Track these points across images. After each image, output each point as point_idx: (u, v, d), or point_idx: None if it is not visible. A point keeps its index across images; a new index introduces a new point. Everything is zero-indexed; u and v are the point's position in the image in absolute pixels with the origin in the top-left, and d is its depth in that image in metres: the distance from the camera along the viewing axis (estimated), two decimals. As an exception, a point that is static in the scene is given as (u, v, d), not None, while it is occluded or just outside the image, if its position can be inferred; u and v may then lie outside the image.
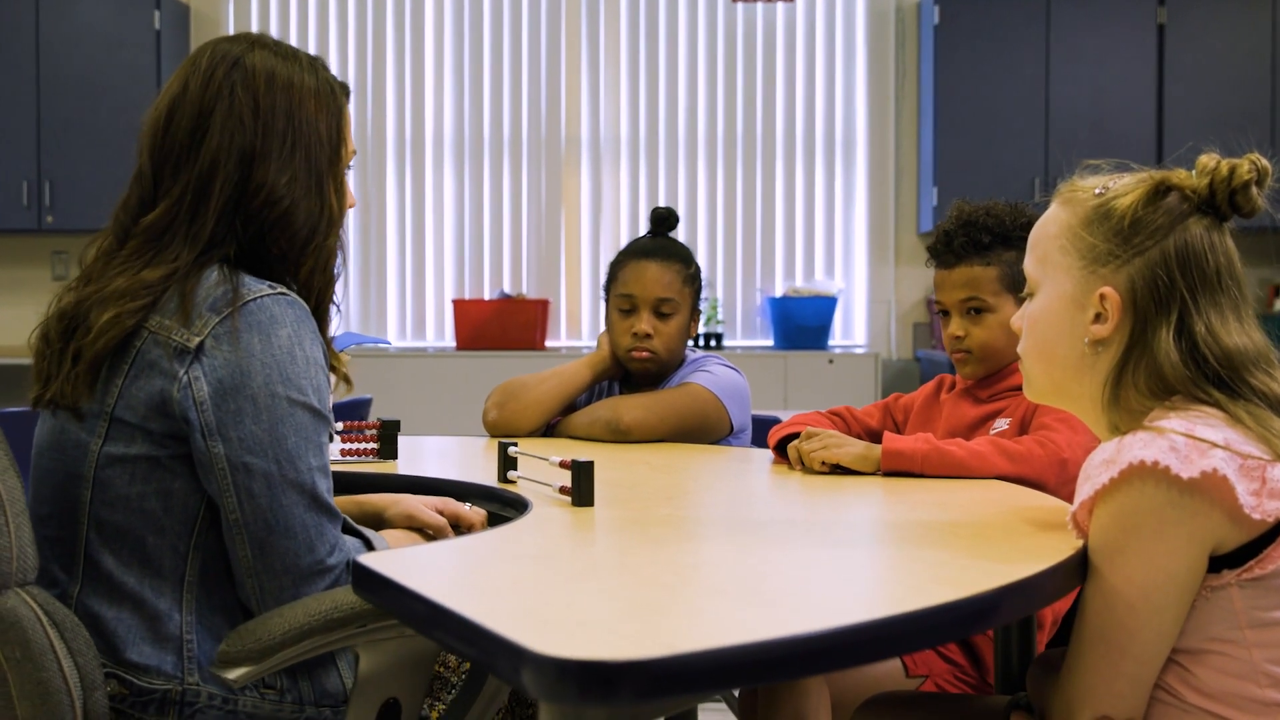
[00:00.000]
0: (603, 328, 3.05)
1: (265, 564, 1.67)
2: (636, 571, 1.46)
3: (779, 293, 6.70)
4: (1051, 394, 1.75)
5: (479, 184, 6.81)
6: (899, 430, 2.59)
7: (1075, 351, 1.67)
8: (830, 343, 6.57)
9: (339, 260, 1.89)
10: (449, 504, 2.04)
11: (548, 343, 6.62)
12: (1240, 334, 1.61)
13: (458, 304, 6.53)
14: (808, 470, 2.31)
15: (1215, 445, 1.48)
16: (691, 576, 1.46)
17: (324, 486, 1.71)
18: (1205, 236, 1.63)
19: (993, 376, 2.48)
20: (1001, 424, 2.40)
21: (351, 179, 1.94)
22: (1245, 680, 1.52)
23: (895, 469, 2.23)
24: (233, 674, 1.53)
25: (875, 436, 2.51)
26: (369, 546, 1.78)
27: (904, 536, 1.71)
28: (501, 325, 6.46)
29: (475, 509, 2.05)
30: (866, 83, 6.80)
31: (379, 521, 2.04)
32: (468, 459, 2.64)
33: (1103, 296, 1.63)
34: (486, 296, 6.77)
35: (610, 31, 6.81)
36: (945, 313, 2.52)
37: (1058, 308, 1.69)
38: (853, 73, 6.82)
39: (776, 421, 3.10)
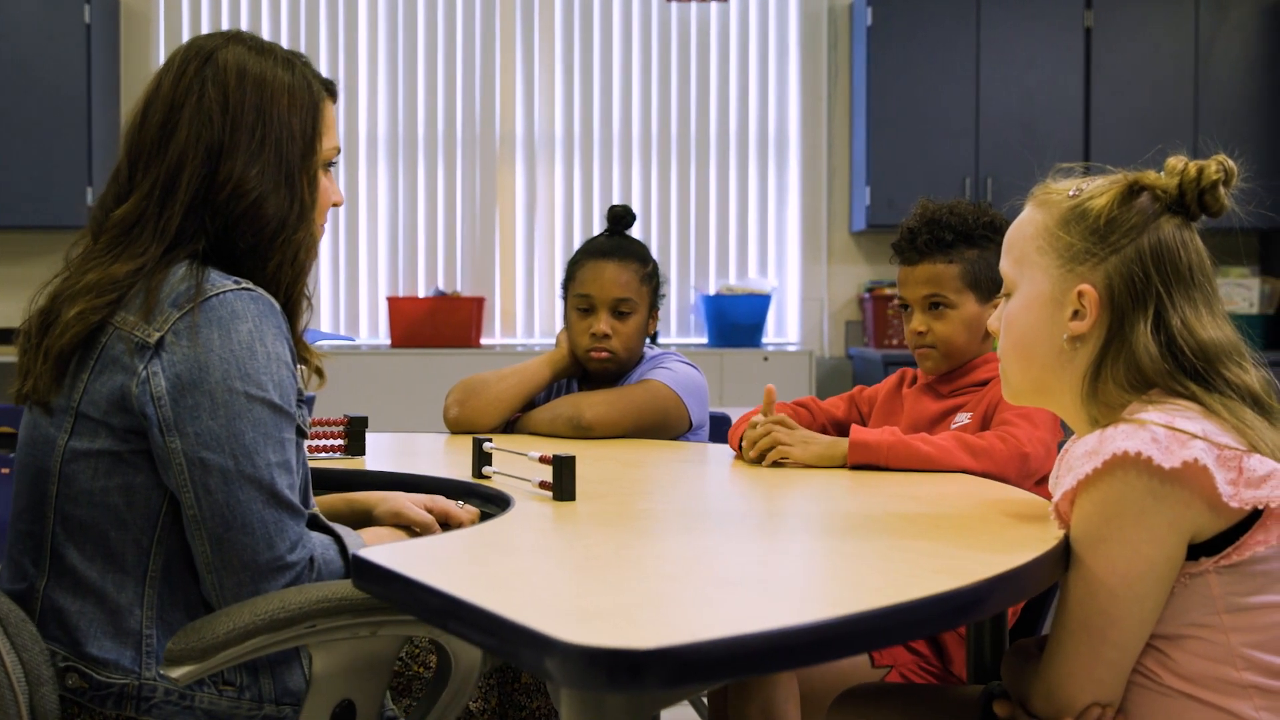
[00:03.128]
0: (539, 326, 3.07)
1: (223, 560, 1.66)
2: (638, 563, 1.48)
3: (713, 290, 6.74)
4: (1029, 392, 1.79)
5: (413, 181, 6.78)
6: (864, 423, 2.63)
7: (1054, 348, 1.72)
8: (764, 340, 6.61)
9: (313, 255, 1.89)
10: (438, 502, 2.04)
11: (483, 340, 6.60)
12: (1214, 327, 1.67)
13: (392, 301, 6.49)
14: (755, 463, 2.35)
15: (1195, 436, 1.53)
16: (693, 568, 1.48)
17: (284, 483, 1.70)
18: (1177, 234, 1.68)
19: (954, 372, 2.53)
20: (963, 419, 2.45)
21: (343, 176, 1.94)
22: (1222, 663, 1.57)
23: (861, 461, 2.27)
24: (176, 672, 1.52)
25: (840, 427, 2.55)
26: (340, 544, 1.78)
27: (889, 528, 1.74)
28: (436, 323, 6.43)
29: (467, 507, 2.05)
30: (799, 83, 6.85)
31: (368, 519, 2.04)
32: (435, 455, 2.66)
33: (1081, 294, 1.68)
34: (421, 294, 6.74)
35: (545, 29, 6.81)
36: (907, 307, 2.56)
37: (1036, 306, 1.73)
38: (785, 73, 6.87)
39: (724, 417, 3.14)
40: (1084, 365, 1.70)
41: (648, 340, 3.07)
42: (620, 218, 3.06)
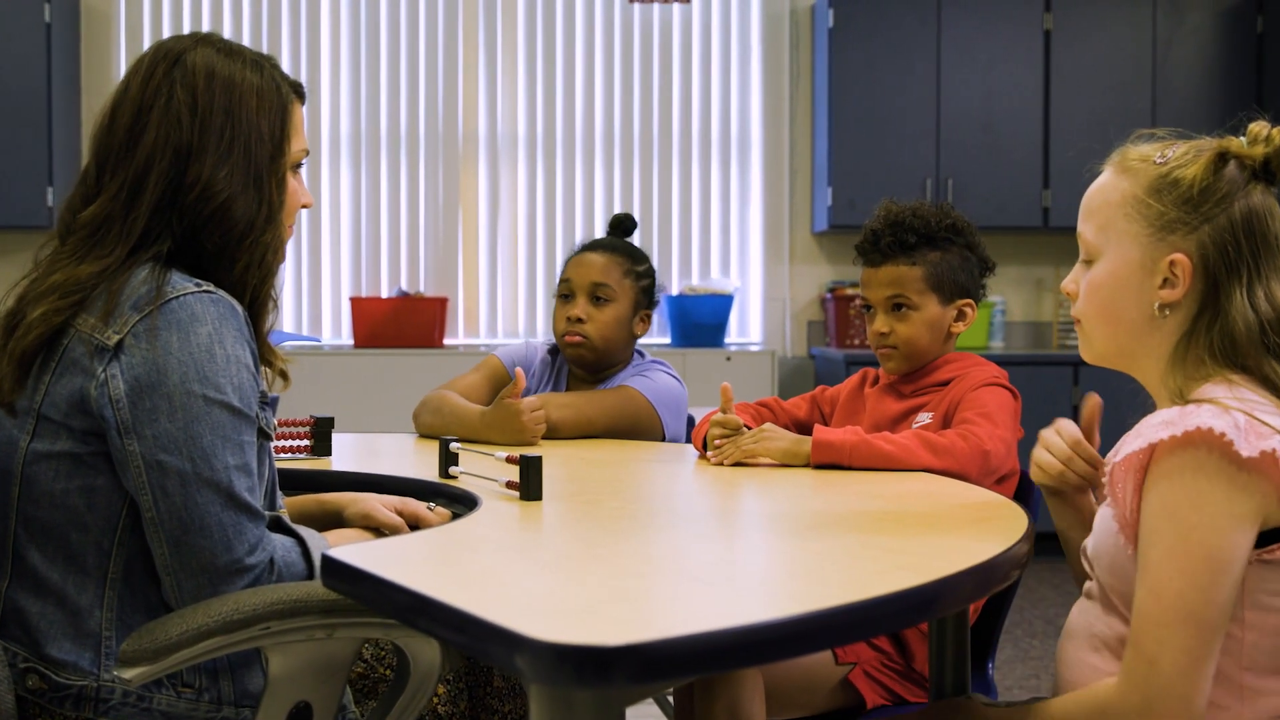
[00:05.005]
0: (502, 326, 3.08)
1: (181, 562, 1.66)
2: (606, 561, 1.49)
3: (676, 291, 6.76)
4: (1113, 355, 1.77)
5: (376, 181, 6.77)
6: (826, 423, 2.65)
7: (1143, 315, 1.70)
8: (726, 340, 6.64)
9: (280, 257, 1.90)
10: (409, 504, 2.04)
11: (446, 341, 6.60)
12: None
13: (355, 301, 6.49)
14: (721, 463, 2.36)
15: (1275, 430, 1.52)
16: (662, 565, 1.50)
17: (243, 485, 1.70)
18: (1263, 202, 1.68)
19: (916, 372, 2.55)
20: (924, 418, 2.47)
21: (305, 178, 1.95)
22: (1227, 656, 1.56)
23: (825, 461, 2.29)
24: (129, 673, 1.52)
25: (802, 428, 2.56)
26: (303, 546, 1.78)
27: (853, 526, 1.75)
28: (399, 323, 6.43)
29: (438, 510, 2.05)
30: (762, 84, 6.88)
31: (339, 520, 2.04)
32: (401, 455, 2.66)
33: (1173, 263, 1.67)
34: (384, 294, 6.73)
35: (508, 29, 6.81)
36: (870, 308, 2.58)
37: (1124, 273, 1.71)
38: (748, 74, 6.90)
39: (688, 418, 3.16)
40: (1174, 333, 1.69)
41: (638, 353, 3.08)
42: (619, 223, 3.13)
